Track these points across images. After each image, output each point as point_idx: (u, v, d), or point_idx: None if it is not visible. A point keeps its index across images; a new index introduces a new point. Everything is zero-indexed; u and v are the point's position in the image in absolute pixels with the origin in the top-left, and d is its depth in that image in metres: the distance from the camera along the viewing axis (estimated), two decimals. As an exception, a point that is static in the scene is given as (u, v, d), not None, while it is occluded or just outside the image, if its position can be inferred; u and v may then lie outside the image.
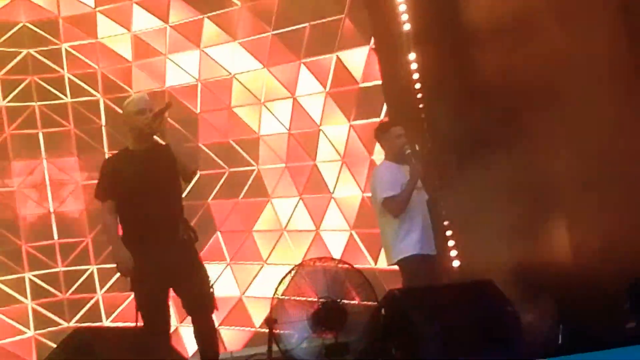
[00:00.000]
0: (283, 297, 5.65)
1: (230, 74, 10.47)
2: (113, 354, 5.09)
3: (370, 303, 5.77)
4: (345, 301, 5.78)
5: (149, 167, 6.45)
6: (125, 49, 10.28)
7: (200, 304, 6.37)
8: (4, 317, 9.36)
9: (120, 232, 6.48)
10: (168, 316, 6.43)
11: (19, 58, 9.92)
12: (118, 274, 6.64)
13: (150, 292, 6.30)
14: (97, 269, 9.80)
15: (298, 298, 5.67)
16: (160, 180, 6.45)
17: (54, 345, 6.00)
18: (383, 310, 5.63)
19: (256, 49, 10.45)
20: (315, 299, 5.70)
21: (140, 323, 6.25)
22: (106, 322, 9.50)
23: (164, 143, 6.59)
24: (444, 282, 6.77)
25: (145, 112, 6.43)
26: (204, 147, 10.33)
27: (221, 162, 10.35)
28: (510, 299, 5.88)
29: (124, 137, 9.92)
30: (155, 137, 6.51)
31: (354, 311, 5.71)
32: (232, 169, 10.38)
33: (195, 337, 6.28)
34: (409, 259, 6.93)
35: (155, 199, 6.39)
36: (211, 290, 6.44)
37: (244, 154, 10.42)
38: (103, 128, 10.16)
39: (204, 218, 10.18)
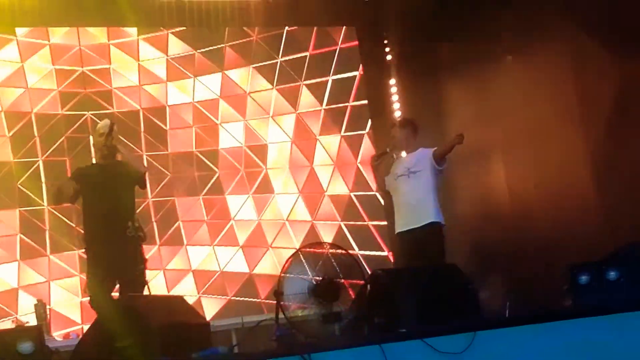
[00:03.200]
0: (288, 274, 5.67)
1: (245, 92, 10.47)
2: (152, 315, 5.14)
3: (358, 280, 5.81)
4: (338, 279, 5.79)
5: (107, 177, 6.79)
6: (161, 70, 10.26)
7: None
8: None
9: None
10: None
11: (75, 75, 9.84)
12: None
13: (101, 280, 6.61)
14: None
15: (300, 276, 5.70)
16: (114, 188, 6.74)
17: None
18: (368, 287, 5.72)
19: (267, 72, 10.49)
20: (314, 277, 5.71)
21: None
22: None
23: (123, 160, 6.90)
24: (418, 264, 6.81)
25: (103, 135, 6.81)
26: (223, 152, 10.30)
27: (236, 164, 10.31)
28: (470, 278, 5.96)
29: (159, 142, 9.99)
30: (117, 155, 6.83)
31: (345, 286, 5.74)
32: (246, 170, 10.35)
33: None
34: (397, 236, 7.08)
35: (108, 203, 6.70)
36: (144, 285, 6.75)
37: (256, 158, 10.39)
38: (142, 134, 10.09)
39: (223, 209, 10.17)
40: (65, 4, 9.27)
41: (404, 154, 7.51)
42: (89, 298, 6.80)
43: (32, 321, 7.95)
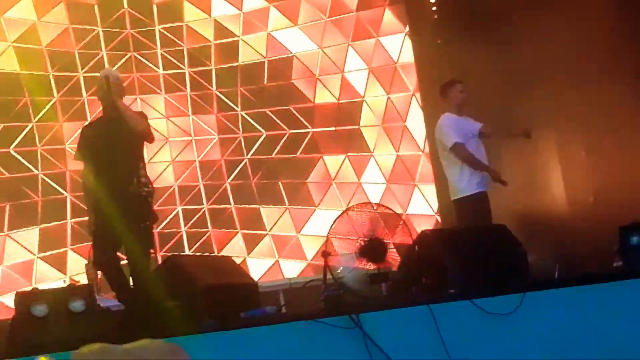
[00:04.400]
0: (336, 235, 5.65)
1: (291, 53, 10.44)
2: (199, 276, 5.18)
3: (406, 241, 5.78)
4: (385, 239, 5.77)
5: (110, 132, 6.25)
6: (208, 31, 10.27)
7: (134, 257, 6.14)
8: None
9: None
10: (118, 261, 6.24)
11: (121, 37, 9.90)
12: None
13: (106, 239, 6.16)
14: (182, 209, 9.85)
15: (348, 236, 5.68)
16: (117, 144, 6.23)
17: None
18: (416, 247, 5.70)
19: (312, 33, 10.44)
20: (362, 237, 5.69)
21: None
22: (188, 252, 9.57)
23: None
24: (466, 225, 6.77)
25: (103, 87, 6.27)
26: (269, 112, 10.30)
27: (283, 125, 10.32)
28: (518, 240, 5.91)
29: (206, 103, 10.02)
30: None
31: (393, 247, 5.71)
32: (291, 131, 10.34)
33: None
34: (467, 199, 6.99)
35: (112, 160, 6.22)
36: (150, 242, 6.32)
37: (302, 119, 10.37)
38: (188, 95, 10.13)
39: (270, 170, 10.19)
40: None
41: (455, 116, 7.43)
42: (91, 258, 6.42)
43: (82, 280, 8.07)
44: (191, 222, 9.82)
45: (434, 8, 10.12)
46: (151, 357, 2.28)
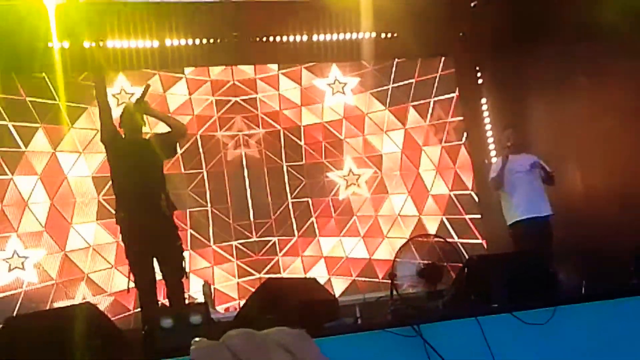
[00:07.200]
0: (400, 259, 5.68)
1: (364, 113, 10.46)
2: (292, 294, 5.23)
3: (457, 264, 5.77)
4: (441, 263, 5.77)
5: (137, 153, 5.78)
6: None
7: (172, 272, 5.69)
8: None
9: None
10: (153, 277, 5.66)
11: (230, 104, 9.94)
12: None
13: (138, 256, 5.67)
14: (278, 239, 9.87)
15: (410, 260, 5.70)
16: (144, 164, 5.75)
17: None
18: (466, 270, 5.67)
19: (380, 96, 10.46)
20: (421, 261, 5.71)
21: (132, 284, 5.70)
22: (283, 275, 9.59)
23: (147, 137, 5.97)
24: (506, 252, 6.69)
25: (137, 101, 5.81)
26: (349, 159, 10.29)
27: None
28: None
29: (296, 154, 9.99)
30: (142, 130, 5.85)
31: (447, 269, 5.70)
32: (364, 175, 10.29)
33: (167, 296, 5.66)
34: (514, 225, 6.92)
35: (139, 180, 5.70)
36: (183, 260, 5.74)
37: (372, 165, 10.33)
38: (282, 149, 10.10)
39: (347, 206, 10.17)
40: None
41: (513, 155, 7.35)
42: (128, 268, 5.67)
43: (200, 298, 8.18)
44: (285, 249, 9.90)
45: (479, 74, 10.14)
46: (287, 340, 2.26)
